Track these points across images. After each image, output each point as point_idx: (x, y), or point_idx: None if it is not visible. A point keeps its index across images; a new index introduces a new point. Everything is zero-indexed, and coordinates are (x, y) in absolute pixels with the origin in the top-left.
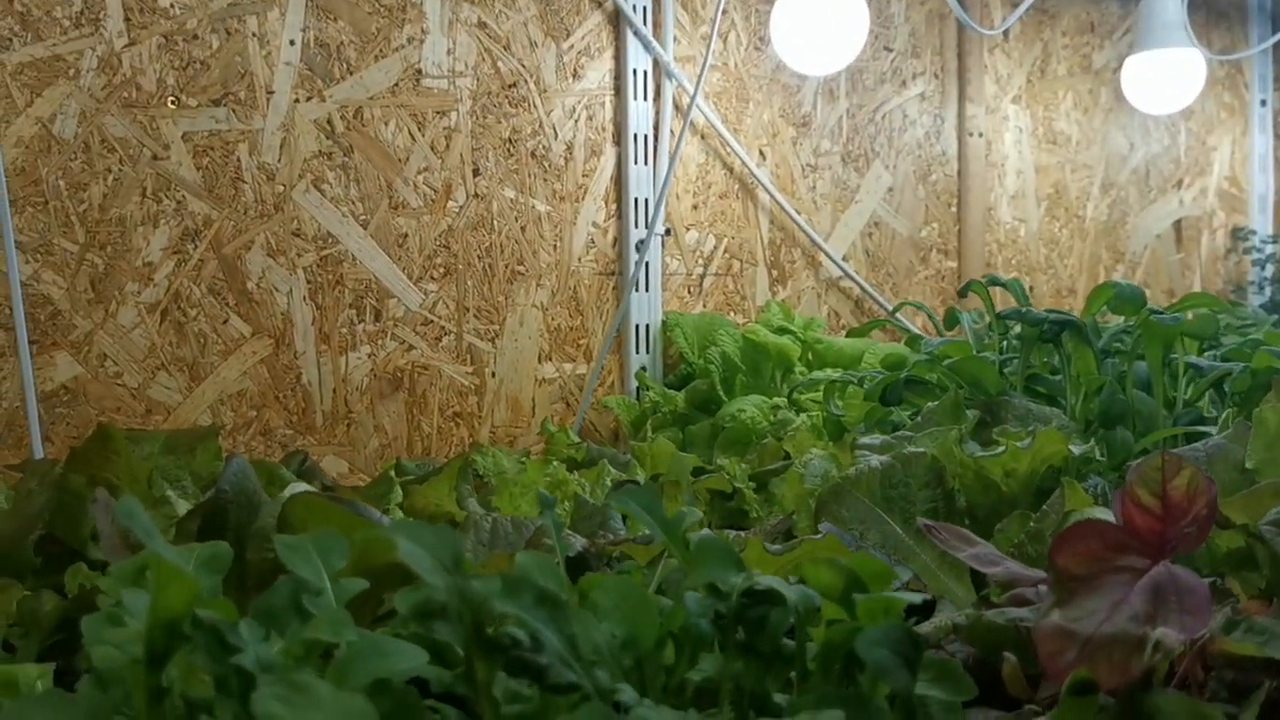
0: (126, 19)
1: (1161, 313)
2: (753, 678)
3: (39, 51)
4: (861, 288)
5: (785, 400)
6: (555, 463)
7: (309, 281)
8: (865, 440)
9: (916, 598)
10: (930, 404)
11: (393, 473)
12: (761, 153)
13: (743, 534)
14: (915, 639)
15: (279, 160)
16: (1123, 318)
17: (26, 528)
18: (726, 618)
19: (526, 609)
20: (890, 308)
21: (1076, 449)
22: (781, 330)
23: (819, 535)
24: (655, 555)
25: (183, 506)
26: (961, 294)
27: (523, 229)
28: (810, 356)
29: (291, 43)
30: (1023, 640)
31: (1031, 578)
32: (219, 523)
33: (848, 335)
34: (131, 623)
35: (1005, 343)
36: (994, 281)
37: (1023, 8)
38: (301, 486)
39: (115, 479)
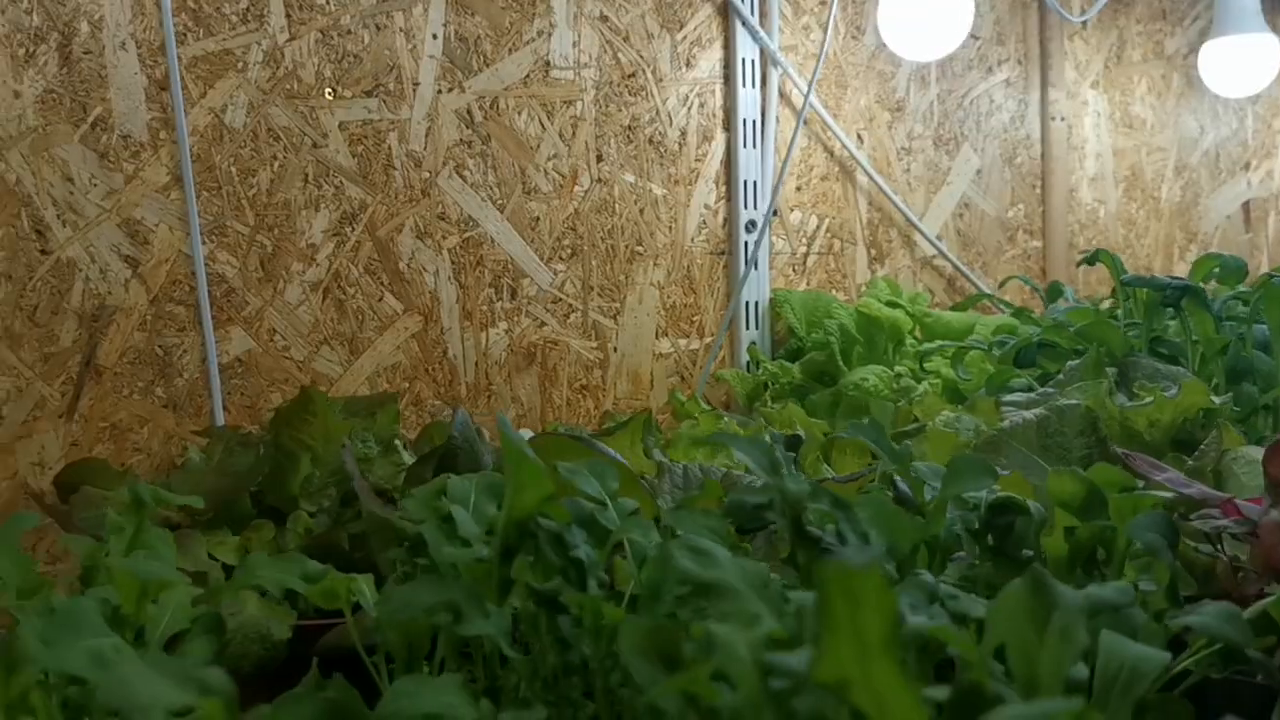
0: (287, 15)
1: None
2: (1002, 578)
3: (210, 46)
4: (955, 266)
5: (909, 368)
6: (726, 417)
7: (453, 262)
8: (1010, 398)
9: (1165, 494)
10: (1071, 362)
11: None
12: (859, 136)
13: None
14: (1174, 525)
15: (425, 148)
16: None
17: (243, 482)
18: (977, 526)
19: (828, 508)
20: (981, 286)
21: (1217, 400)
22: (891, 304)
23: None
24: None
25: (408, 457)
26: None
27: (641, 211)
28: (918, 330)
29: (434, 36)
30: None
31: (1220, 497)
32: (449, 467)
33: (951, 310)
34: (466, 528)
35: (1122, 309)
36: (1094, 257)
37: None
38: (528, 433)
39: (311, 440)
